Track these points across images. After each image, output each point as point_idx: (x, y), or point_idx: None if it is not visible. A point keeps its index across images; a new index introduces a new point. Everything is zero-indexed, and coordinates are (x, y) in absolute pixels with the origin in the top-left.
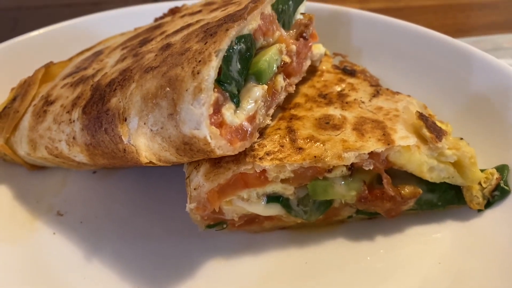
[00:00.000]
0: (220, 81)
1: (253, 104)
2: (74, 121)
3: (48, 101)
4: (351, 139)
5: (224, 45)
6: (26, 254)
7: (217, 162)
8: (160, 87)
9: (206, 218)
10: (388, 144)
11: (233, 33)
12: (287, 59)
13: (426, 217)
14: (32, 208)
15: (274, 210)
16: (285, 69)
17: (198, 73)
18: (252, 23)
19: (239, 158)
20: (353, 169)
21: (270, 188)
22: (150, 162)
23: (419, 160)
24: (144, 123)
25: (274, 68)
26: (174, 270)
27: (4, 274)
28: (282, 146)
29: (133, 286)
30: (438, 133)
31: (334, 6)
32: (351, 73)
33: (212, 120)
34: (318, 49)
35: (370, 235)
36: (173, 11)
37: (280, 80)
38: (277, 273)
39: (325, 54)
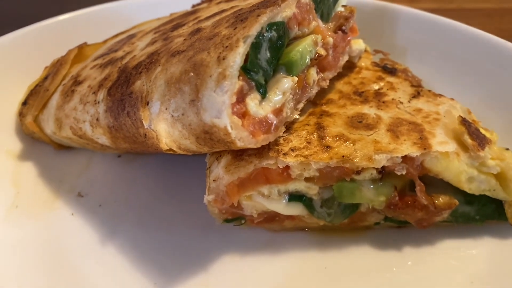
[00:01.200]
0: (247, 69)
1: (281, 96)
2: (98, 102)
3: (76, 81)
4: (384, 141)
5: (254, 31)
6: (43, 232)
7: (239, 155)
8: (184, 71)
9: (224, 212)
10: (425, 149)
11: (264, 19)
12: (323, 52)
13: (460, 231)
14: (54, 187)
15: (296, 209)
16: (319, 62)
17: (223, 59)
18: (286, 11)
19: (262, 152)
20: (384, 173)
21: (293, 186)
22: (170, 149)
23: (458, 168)
24: (166, 108)
25: (307, 60)
26: (186, 263)
27: (21, 249)
28: (309, 143)
29: (144, 275)
30: (481, 141)
31: (380, 1)
32: (392, 71)
33: (235, 109)
34: (357, 44)
35: (397, 244)
36: None
37: (313, 73)
38: (293, 276)
39: (365, 51)
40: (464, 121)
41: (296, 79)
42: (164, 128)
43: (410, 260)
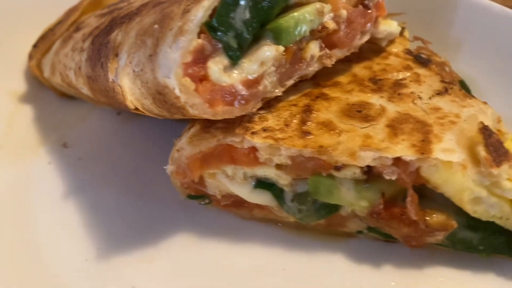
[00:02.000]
0: (212, 27)
1: (257, 65)
2: (84, 50)
3: (76, 28)
4: (378, 137)
5: None
6: (14, 176)
7: (208, 126)
8: (152, 23)
9: (186, 186)
10: (422, 153)
11: None
12: (332, 25)
13: (460, 259)
14: (45, 134)
15: (263, 198)
16: (327, 36)
17: (187, 11)
18: None
19: (230, 127)
20: (371, 175)
21: (261, 171)
22: (137, 108)
23: (461, 184)
24: (130, 62)
25: (304, 30)
26: (139, 234)
27: None
28: (286, 125)
29: (91, 237)
30: (500, 156)
31: None
32: (424, 62)
33: (190, 71)
34: (388, 25)
35: (380, 260)
36: None
37: (313, 48)
38: (243, 271)
39: (401, 35)
40: (484, 129)
41: (282, 49)
42: (127, 84)
43: (392, 281)
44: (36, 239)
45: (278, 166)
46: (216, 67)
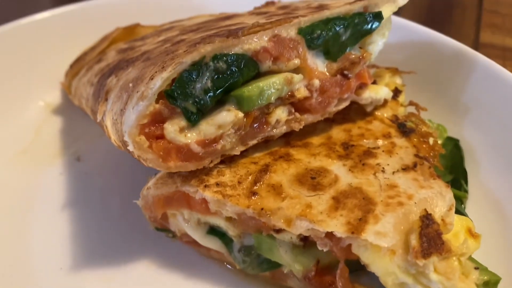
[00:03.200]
0: (170, 94)
1: (215, 128)
2: (93, 85)
3: (99, 59)
4: (318, 208)
5: (188, 59)
6: (25, 181)
7: (173, 172)
8: (132, 79)
9: (153, 220)
10: (352, 233)
11: (207, 49)
12: (304, 93)
13: None
14: (65, 146)
15: (214, 244)
16: (299, 102)
17: (151, 78)
18: (251, 44)
19: (189, 176)
20: (308, 241)
21: (213, 220)
22: (119, 147)
23: (387, 268)
24: (112, 109)
25: (272, 98)
26: (104, 254)
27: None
28: (239, 183)
29: (60, 255)
30: (431, 247)
31: (460, 45)
32: (406, 132)
33: (147, 130)
34: (374, 92)
35: None
36: (268, 3)
37: (279, 113)
38: None
39: (395, 100)
40: (425, 218)
41: (241, 115)
42: (109, 126)
43: None
44: (24, 241)
45: (228, 219)
46: (172, 128)
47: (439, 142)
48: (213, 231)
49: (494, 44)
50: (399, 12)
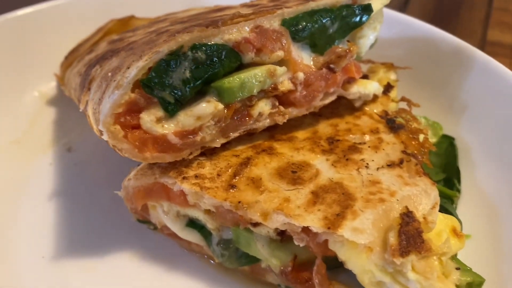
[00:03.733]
0: (146, 84)
1: (194, 119)
2: (81, 75)
3: (91, 50)
4: (296, 202)
5: (165, 48)
6: (16, 170)
7: (153, 163)
8: (113, 68)
9: (134, 211)
10: (328, 228)
11: (185, 38)
12: (288, 86)
13: None
14: (58, 136)
15: (193, 237)
16: (283, 95)
17: (128, 67)
18: (231, 34)
19: (168, 167)
20: (285, 236)
21: (192, 213)
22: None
23: (363, 265)
24: (92, 99)
25: (254, 90)
26: (92, 242)
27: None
28: (218, 176)
29: (56, 239)
30: (410, 245)
31: (460, 41)
32: (394, 128)
33: (122, 119)
34: (363, 87)
35: None
36: None
37: (262, 105)
38: None
39: (386, 95)
40: (405, 215)
41: (221, 106)
42: (91, 116)
43: None
44: (9, 228)
45: (207, 211)
46: (148, 118)
47: (434, 140)
48: (193, 223)
49: (502, 42)
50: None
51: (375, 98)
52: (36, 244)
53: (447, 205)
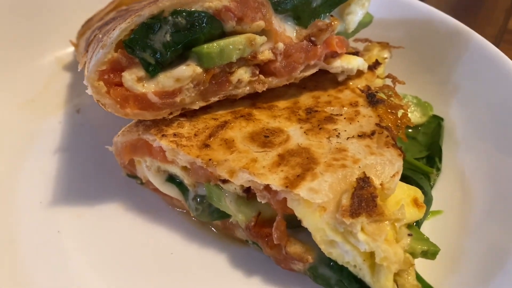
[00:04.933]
0: (127, 45)
1: (173, 81)
2: (88, 38)
3: (101, 19)
4: (262, 163)
5: (147, 13)
6: (27, 126)
7: (139, 121)
8: (105, 31)
9: (123, 166)
10: (286, 187)
11: (166, 4)
12: (268, 55)
13: None
14: (69, 98)
15: (172, 191)
16: (264, 65)
17: (114, 29)
18: (212, 2)
19: (151, 125)
20: (250, 194)
21: (171, 169)
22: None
23: (316, 224)
24: (88, 59)
25: (234, 57)
26: (84, 193)
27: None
28: (195, 135)
29: (54, 187)
30: (361, 208)
31: (458, 23)
32: (373, 102)
33: (106, 76)
34: (347, 62)
35: (255, 273)
36: None
37: (241, 73)
38: (141, 244)
39: (371, 71)
40: (361, 180)
41: (199, 70)
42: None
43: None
44: (13, 176)
45: (183, 168)
46: (129, 76)
47: (424, 119)
48: (172, 179)
49: None
50: None
51: (360, 73)
52: (36, 191)
53: (422, 181)
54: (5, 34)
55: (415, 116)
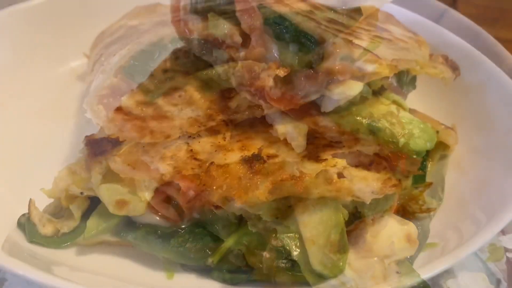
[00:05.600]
0: (127, 70)
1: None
2: (96, 55)
3: (111, 34)
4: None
5: (146, 39)
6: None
7: None
8: (108, 54)
9: None
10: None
11: (163, 32)
12: (267, 82)
13: None
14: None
15: None
16: (263, 91)
17: (114, 55)
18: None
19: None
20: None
21: None
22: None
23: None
24: (93, 80)
25: (233, 83)
26: None
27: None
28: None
29: None
30: (350, 243)
31: (471, 49)
32: (373, 131)
33: (105, 101)
34: (348, 88)
35: None
36: None
37: (240, 99)
38: None
39: (377, 96)
40: (353, 215)
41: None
42: None
43: None
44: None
45: None
46: (128, 101)
47: (430, 146)
48: None
49: None
50: None
51: (364, 99)
52: None
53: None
54: (24, 44)
55: (420, 143)
